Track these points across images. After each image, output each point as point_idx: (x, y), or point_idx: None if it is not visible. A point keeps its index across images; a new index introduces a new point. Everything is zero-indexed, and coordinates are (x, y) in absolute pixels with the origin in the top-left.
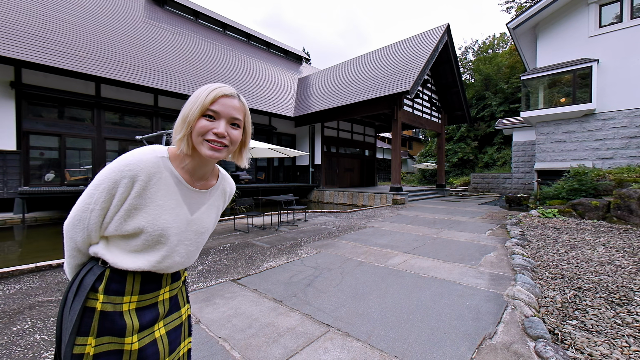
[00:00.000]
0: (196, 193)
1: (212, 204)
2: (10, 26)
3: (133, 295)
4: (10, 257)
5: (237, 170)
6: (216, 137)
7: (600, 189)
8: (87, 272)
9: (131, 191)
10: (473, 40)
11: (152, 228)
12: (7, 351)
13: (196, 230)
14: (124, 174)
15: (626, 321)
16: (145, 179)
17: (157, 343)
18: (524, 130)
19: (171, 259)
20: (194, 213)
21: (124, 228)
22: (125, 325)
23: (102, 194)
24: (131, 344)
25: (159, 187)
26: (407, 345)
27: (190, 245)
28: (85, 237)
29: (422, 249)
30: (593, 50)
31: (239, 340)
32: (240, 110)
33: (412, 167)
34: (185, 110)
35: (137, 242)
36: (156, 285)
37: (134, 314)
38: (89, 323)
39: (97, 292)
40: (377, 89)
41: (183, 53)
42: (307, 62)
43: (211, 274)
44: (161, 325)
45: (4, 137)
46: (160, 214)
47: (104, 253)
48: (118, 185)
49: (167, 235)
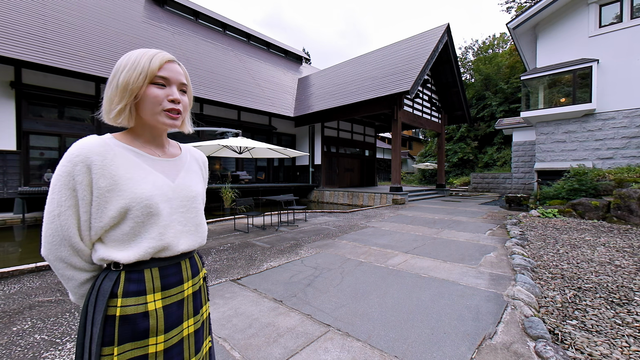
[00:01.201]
0: (165, 161)
1: (189, 169)
2: (10, 26)
3: (156, 293)
4: (10, 257)
5: (237, 170)
6: (173, 104)
7: (600, 189)
8: (103, 279)
9: (91, 175)
10: (473, 40)
11: (134, 202)
12: (7, 351)
13: (185, 195)
14: (74, 162)
15: (626, 321)
16: (99, 158)
17: (184, 342)
18: (524, 130)
19: (172, 229)
20: (174, 180)
21: (107, 215)
22: (149, 326)
23: (61, 193)
24: (156, 344)
25: (119, 163)
26: (407, 345)
27: (186, 212)
28: (70, 250)
29: (422, 249)
30: (593, 50)
31: (239, 340)
32: (184, 75)
33: (412, 167)
34: (124, 78)
35: (128, 224)
36: (177, 278)
37: (160, 313)
38: (112, 332)
39: (116, 297)
40: (377, 89)
41: (183, 53)
42: (307, 62)
43: (211, 274)
44: (191, 323)
45: (4, 137)
46: (134, 185)
47: (108, 254)
48: (74, 175)
49: (155, 204)
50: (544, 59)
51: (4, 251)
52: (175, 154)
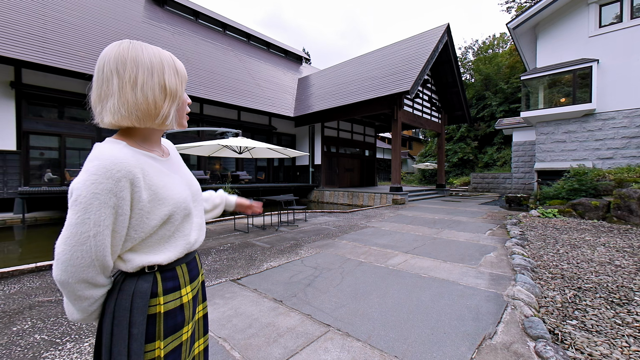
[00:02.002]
0: (167, 161)
1: (182, 165)
2: (10, 26)
3: (187, 286)
4: (10, 257)
5: (237, 170)
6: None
7: (600, 189)
8: (137, 282)
9: (134, 190)
10: (473, 40)
11: (176, 208)
12: (7, 351)
13: (196, 189)
14: (116, 178)
15: (626, 321)
16: (140, 172)
17: (195, 325)
18: (524, 130)
19: (197, 224)
20: (183, 177)
21: (150, 225)
22: (184, 318)
23: (100, 212)
24: (186, 332)
25: (151, 172)
26: (407, 345)
27: (198, 204)
28: (98, 269)
29: (422, 249)
30: (593, 50)
31: (239, 340)
32: None
33: (412, 167)
34: (171, 83)
35: (168, 228)
36: (197, 271)
37: (190, 304)
38: (153, 330)
39: (157, 296)
40: (377, 89)
41: (183, 53)
42: (307, 62)
43: (211, 274)
44: (200, 309)
45: (4, 137)
46: (170, 192)
47: (145, 259)
48: (116, 192)
49: (190, 207)
50: (544, 59)
51: (4, 251)
52: (165, 150)
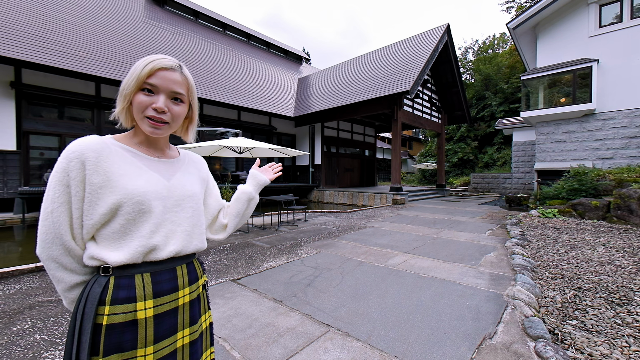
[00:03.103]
0: (161, 162)
1: (186, 171)
2: (10, 26)
3: (147, 300)
4: (10, 257)
5: (237, 170)
6: (155, 112)
7: (600, 189)
8: (93, 284)
9: (85, 171)
10: (473, 40)
11: (126, 198)
12: (7, 351)
13: (181, 194)
14: (69, 159)
15: (626, 321)
16: (93, 155)
17: (177, 354)
18: (524, 130)
19: (164, 228)
20: (170, 179)
21: (98, 212)
22: (137, 337)
23: (55, 189)
24: (144, 356)
25: (113, 160)
26: (407, 345)
27: (181, 210)
28: (62, 249)
29: (422, 249)
30: (593, 50)
31: (239, 340)
32: (182, 84)
33: (412, 167)
34: (123, 83)
35: (119, 220)
36: (171, 285)
37: (150, 323)
38: (98, 342)
39: (104, 305)
40: (377, 89)
41: (183, 53)
42: (307, 62)
43: (211, 274)
44: (186, 334)
45: (4, 137)
46: (127, 182)
47: (99, 252)
48: (68, 171)
49: (147, 201)
50: (544, 59)
51: (4, 251)
52: (173, 156)
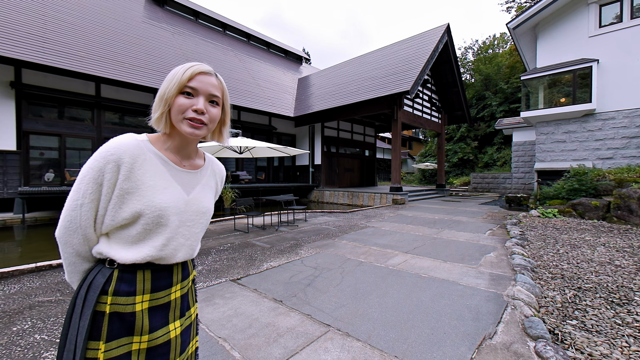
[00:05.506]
0: (186, 173)
1: (206, 184)
2: (10, 26)
3: (145, 294)
4: (10, 257)
5: (237, 170)
6: (195, 114)
7: (600, 189)
8: (97, 274)
9: (119, 175)
10: (473, 41)
11: (149, 210)
12: (7, 351)
13: (196, 210)
14: (107, 159)
15: (626, 321)
16: (130, 160)
17: (170, 343)
18: (524, 130)
19: (175, 242)
20: (190, 193)
21: (121, 216)
22: (135, 324)
23: (88, 186)
24: (140, 342)
25: (146, 169)
26: (407, 345)
27: (193, 226)
28: (82, 238)
29: (422, 249)
30: (593, 50)
31: (239, 340)
32: (218, 87)
33: (412, 167)
34: (162, 88)
35: (137, 228)
36: (167, 282)
37: (145, 314)
38: (99, 328)
39: (106, 294)
40: (377, 89)
41: (183, 53)
42: (307, 62)
43: (211, 274)
44: (177, 325)
45: (4, 137)
46: (154, 194)
47: (108, 250)
48: (104, 172)
49: (167, 215)
50: (544, 59)
51: (4, 251)
52: (198, 165)
